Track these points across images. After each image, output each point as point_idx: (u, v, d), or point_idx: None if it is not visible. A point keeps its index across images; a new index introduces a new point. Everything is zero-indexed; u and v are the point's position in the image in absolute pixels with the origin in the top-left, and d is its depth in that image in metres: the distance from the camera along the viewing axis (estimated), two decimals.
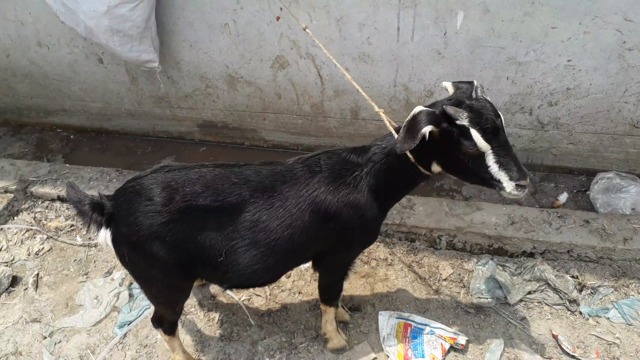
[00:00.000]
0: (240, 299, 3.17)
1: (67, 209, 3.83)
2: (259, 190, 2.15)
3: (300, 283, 3.26)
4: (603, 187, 3.52)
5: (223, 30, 3.65)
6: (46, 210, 3.84)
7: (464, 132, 1.88)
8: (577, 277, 3.12)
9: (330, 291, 2.70)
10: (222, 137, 4.40)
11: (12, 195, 3.88)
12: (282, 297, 3.18)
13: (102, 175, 3.88)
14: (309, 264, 2.76)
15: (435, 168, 2.11)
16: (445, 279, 3.23)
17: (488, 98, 2.00)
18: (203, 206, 2.07)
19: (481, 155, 1.91)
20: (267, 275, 2.32)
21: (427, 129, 1.86)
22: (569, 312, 3.01)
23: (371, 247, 3.34)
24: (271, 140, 4.30)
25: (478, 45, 3.29)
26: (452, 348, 2.86)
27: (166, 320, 2.55)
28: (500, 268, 3.23)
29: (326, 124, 4.00)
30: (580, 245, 3.10)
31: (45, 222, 3.77)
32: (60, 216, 3.80)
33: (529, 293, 3.08)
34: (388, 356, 2.85)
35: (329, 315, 2.80)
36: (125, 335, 3.03)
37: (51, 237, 3.67)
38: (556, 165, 3.80)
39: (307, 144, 4.21)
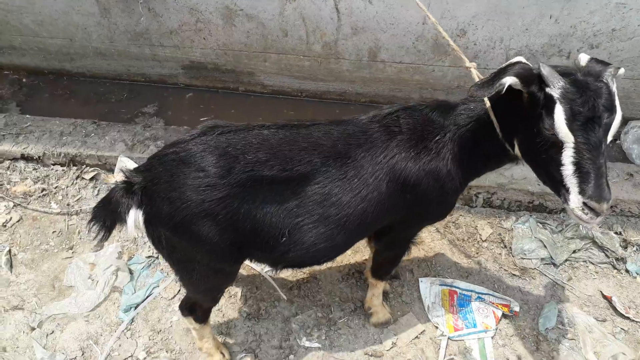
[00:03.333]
0: (263, 270, 2.80)
1: (35, 169, 3.21)
2: (331, 156, 1.76)
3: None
4: (636, 136, 3.37)
5: None
6: (8, 172, 3.20)
7: (550, 105, 1.52)
8: (621, 234, 2.99)
9: (387, 267, 2.40)
10: (212, 82, 3.82)
11: None
12: (309, 267, 2.84)
13: (76, 129, 3.26)
14: None
15: (517, 148, 1.75)
16: (485, 240, 3.01)
17: (614, 86, 1.57)
18: (268, 177, 1.66)
19: (559, 145, 1.52)
20: (332, 254, 1.98)
21: (508, 80, 1.52)
22: (616, 271, 2.89)
23: None
24: (271, 86, 3.79)
25: None
26: (504, 315, 2.67)
27: (200, 308, 2.16)
28: (541, 226, 3.05)
29: (338, 66, 3.54)
30: (626, 200, 2.95)
31: (8, 186, 3.15)
32: (27, 179, 3.18)
33: (574, 252, 2.93)
34: (437, 327, 2.63)
35: (378, 289, 2.52)
36: (132, 320, 2.61)
37: (18, 204, 3.07)
38: None
39: (312, 90, 3.74)
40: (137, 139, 3.16)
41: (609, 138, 1.54)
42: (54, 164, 3.20)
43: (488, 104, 1.75)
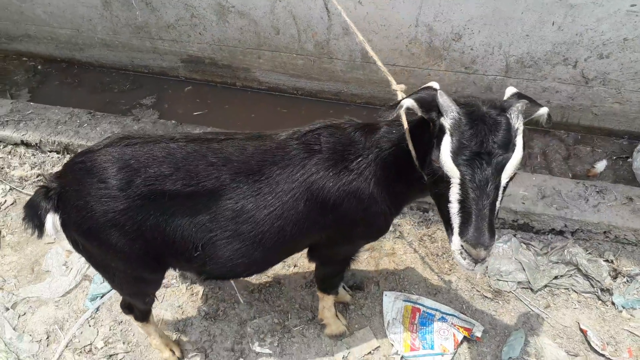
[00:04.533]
0: None
1: (33, 155, 3.42)
2: (242, 172, 1.76)
3: (296, 255, 2.94)
4: None
5: None
6: (8, 157, 3.43)
7: (441, 135, 1.44)
8: (611, 262, 2.80)
9: (328, 282, 2.39)
10: (210, 76, 3.90)
11: None
12: (275, 269, 2.87)
13: (72, 119, 3.44)
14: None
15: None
16: None
17: (518, 123, 1.46)
18: (171, 192, 1.69)
19: (447, 180, 1.45)
20: (252, 268, 2.00)
21: (406, 102, 1.48)
22: (600, 302, 2.72)
23: None
24: (266, 82, 3.81)
25: None
26: (465, 339, 2.59)
27: (136, 309, 2.24)
28: (524, 246, 2.91)
29: (331, 66, 3.50)
30: (620, 227, 2.76)
31: (7, 170, 3.38)
32: (25, 164, 3.40)
33: (555, 278, 2.78)
34: (392, 344, 2.59)
35: (327, 302, 2.51)
36: (97, 309, 2.75)
37: (15, 188, 3.29)
38: (595, 126, 3.36)
39: (308, 89, 3.73)
40: (125, 132, 3.29)
41: (504, 178, 1.42)
42: (50, 151, 3.40)
43: (406, 125, 1.69)
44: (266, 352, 2.56)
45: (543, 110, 1.53)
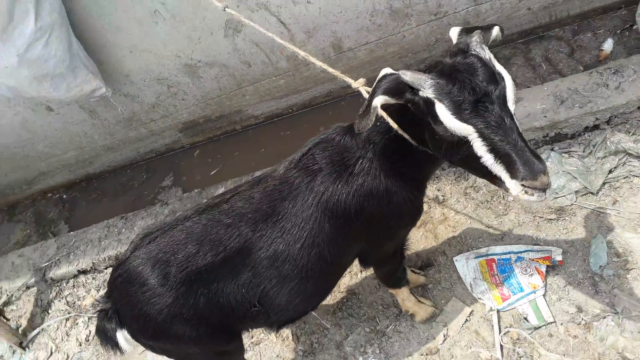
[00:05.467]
0: None
1: (93, 278, 3.66)
2: (259, 220, 1.85)
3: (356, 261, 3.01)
4: None
5: (155, 18, 3.18)
6: (75, 290, 3.69)
7: (431, 108, 1.44)
8: None
9: (392, 278, 2.46)
10: (210, 132, 4.04)
11: (35, 289, 3.74)
12: (345, 283, 2.95)
13: (110, 230, 3.65)
14: None
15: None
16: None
17: (487, 53, 1.47)
18: (206, 266, 1.81)
19: (465, 141, 1.44)
20: (313, 301, 2.11)
21: (377, 101, 1.46)
22: None
23: None
24: (261, 114, 3.91)
25: None
26: (549, 268, 2.58)
27: None
28: (566, 156, 2.86)
29: (311, 71, 3.56)
30: None
31: (79, 302, 3.63)
32: (90, 289, 3.64)
33: (610, 172, 2.72)
34: (484, 303, 2.62)
35: (402, 294, 2.58)
36: None
37: (91, 316, 3.53)
38: (586, 10, 3.24)
39: (300, 102, 3.80)
40: (159, 220, 3.46)
41: (511, 106, 1.43)
42: (105, 268, 3.62)
43: (390, 121, 1.70)
44: None
45: (495, 30, 1.55)
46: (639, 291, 2.41)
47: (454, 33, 1.58)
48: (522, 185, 1.41)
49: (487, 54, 1.46)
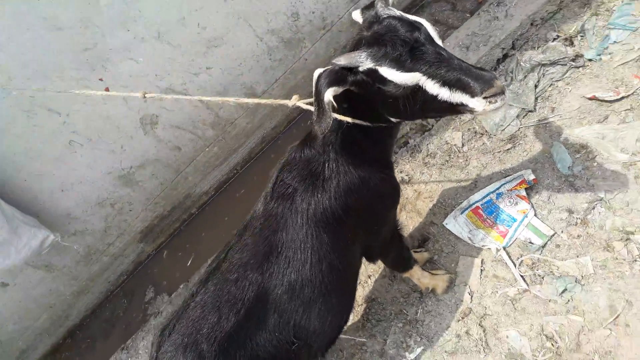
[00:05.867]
0: None
1: None
2: (262, 261, 1.87)
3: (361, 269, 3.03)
4: None
5: (72, 148, 3.19)
6: None
7: (376, 75, 1.55)
8: (559, 36, 2.98)
9: (400, 261, 2.53)
10: (169, 228, 4.02)
11: None
12: (360, 296, 2.95)
13: None
14: None
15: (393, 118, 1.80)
16: (463, 145, 3.05)
17: (395, 11, 1.62)
18: (232, 328, 1.79)
19: (418, 87, 1.54)
20: (344, 310, 2.13)
21: (328, 96, 1.54)
22: (581, 68, 2.89)
23: None
24: (210, 188, 3.96)
25: None
26: (528, 190, 2.72)
27: None
28: None
29: (238, 128, 3.67)
30: (537, 9, 2.94)
31: None
32: None
33: (536, 86, 2.95)
34: (490, 248, 2.69)
35: (415, 273, 2.63)
36: None
37: None
38: None
39: (241, 159, 3.91)
40: (157, 331, 3.35)
41: (439, 42, 1.57)
42: None
43: (339, 116, 1.77)
44: (419, 351, 2.63)
45: None
46: (609, 172, 2.58)
47: (357, 15, 1.73)
48: (484, 98, 1.50)
49: (396, 12, 1.61)
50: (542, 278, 2.52)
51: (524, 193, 2.72)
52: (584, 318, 2.36)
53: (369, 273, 2.99)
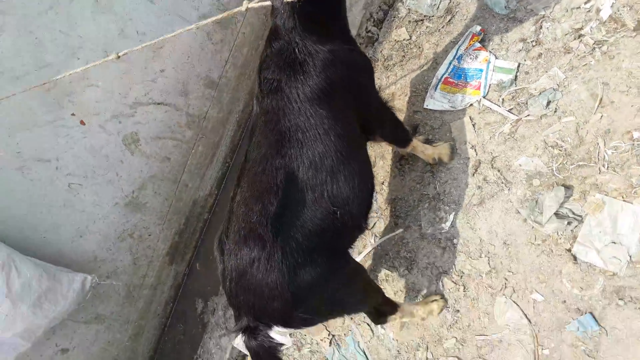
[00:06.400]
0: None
1: None
2: (279, 147, 2.03)
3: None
4: None
5: (74, 191, 3.29)
6: None
7: None
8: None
9: (399, 132, 2.71)
10: (192, 239, 4.16)
11: None
12: (381, 201, 3.13)
13: None
14: None
15: None
16: (411, 37, 3.29)
17: None
18: (279, 209, 1.94)
19: None
20: (367, 174, 2.29)
21: None
22: None
23: None
24: (211, 187, 4.12)
25: None
26: (482, 42, 2.93)
27: None
28: None
29: (212, 121, 3.85)
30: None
31: None
32: None
33: None
34: (472, 104, 2.89)
35: (418, 147, 2.83)
36: None
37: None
38: None
39: (229, 149, 4.07)
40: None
41: None
42: None
43: None
44: (452, 217, 2.80)
45: None
46: None
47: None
48: None
49: None
50: (526, 103, 2.72)
51: (478, 45, 2.93)
52: (575, 116, 2.57)
53: (381, 180, 3.17)
